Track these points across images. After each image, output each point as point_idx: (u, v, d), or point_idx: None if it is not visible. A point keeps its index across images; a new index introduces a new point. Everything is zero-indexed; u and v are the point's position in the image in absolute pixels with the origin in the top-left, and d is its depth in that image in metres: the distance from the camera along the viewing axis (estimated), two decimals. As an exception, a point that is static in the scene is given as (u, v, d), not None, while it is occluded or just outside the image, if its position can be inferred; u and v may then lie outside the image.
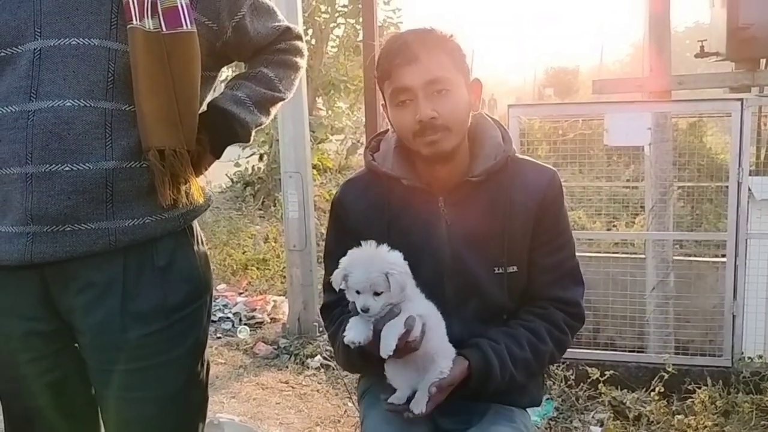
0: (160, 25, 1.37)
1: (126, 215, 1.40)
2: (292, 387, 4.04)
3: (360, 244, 1.62)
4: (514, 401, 1.66)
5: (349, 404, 3.70)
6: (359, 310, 1.41)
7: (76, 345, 1.49)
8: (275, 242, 7.23)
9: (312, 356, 4.42)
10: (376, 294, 1.40)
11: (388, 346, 1.38)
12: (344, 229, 1.65)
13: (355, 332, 1.41)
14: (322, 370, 4.27)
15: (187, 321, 1.51)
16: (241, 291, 5.98)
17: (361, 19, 10.83)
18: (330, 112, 10.81)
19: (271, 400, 3.86)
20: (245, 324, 5.06)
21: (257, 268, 6.48)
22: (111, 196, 1.37)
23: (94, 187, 1.35)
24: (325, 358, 4.36)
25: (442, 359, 1.49)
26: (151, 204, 1.43)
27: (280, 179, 9.24)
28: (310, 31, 10.55)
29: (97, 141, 1.35)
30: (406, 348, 1.40)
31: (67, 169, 1.33)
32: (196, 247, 1.55)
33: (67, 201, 1.34)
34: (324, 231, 1.77)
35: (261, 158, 9.75)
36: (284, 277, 6.16)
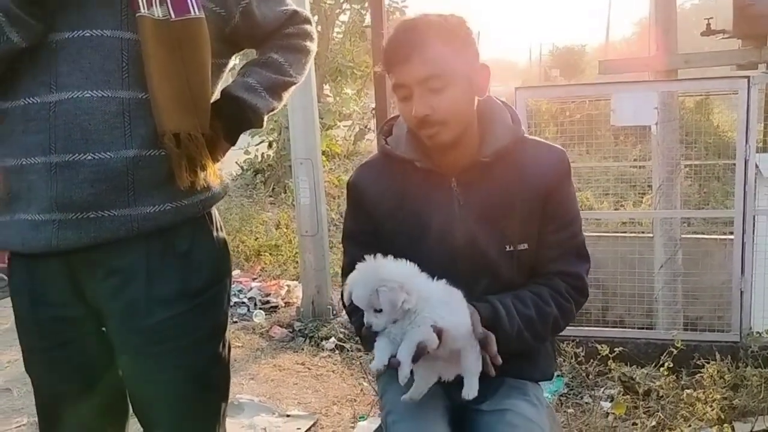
0: (169, 12, 1.40)
1: (147, 202, 1.44)
2: (308, 368, 4.12)
3: (373, 224, 1.67)
4: (526, 375, 1.71)
5: (364, 384, 3.78)
6: (366, 323, 1.43)
7: (103, 329, 1.54)
8: (287, 228, 7.29)
9: (326, 338, 4.50)
10: (377, 311, 1.41)
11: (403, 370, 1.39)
12: (361, 211, 1.70)
13: (376, 360, 1.43)
14: (337, 351, 4.35)
15: (209, 304, 1.57)
16: (255, 276, 6.05)
17: (366, 4, 10.81)
18: (337, 98, 10.83)
19: (288, 380, 3.95)
20: (260, 308, 5.14)
21: (270, 254, 6.56)
22: (132, 184, 1.42)
23: (116, 175, 1.40)
24: (339, 340, 4.43)
25: (471, 355, 1.50)
26: (171, 191, 1.47)
27: (289, 166, 9.30)
28: (315, 17, 10.54)
29: (117, 130, 1.39)
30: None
31: (89, 158, 1.37)
32: (215, 233, 1.60)
33: (91, 189, 1.38)
34: (334, 216, 1.82)
35: (270, 145, 9.81)
36: (296, 262, 6.23)
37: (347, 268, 1.74)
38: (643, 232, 5.95)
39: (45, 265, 1.47)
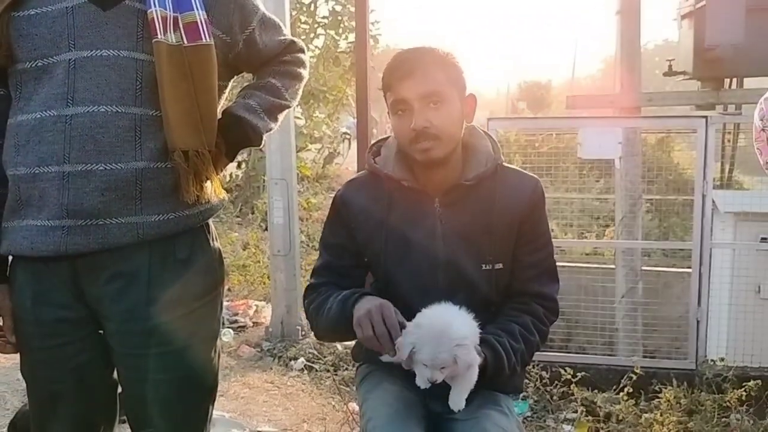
0: (182, 38, 1.51)
1: (152, 211, 1.53)
2: (278, 387, 4.16)
3: (352, 239, 1.77)
4: (498, 387, 1.81)
5: (333, 403, 3.84)
6: (427, 380, 1.58)
7: (100, 331, 1.61)
8: (255, 248, 7.32)
9: (295, 358, 4.53)
10: (442, 367, 1.57)
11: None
12: (342, 223, 1.80)
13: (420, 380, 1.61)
14: (306, 371, 4.39)
15: (204, 309, 1.65)
16: (223, 296, 6.05)
17: (340, 30, 10.95)
18: (309, 121, 10.93)
19: (258, 398, 3.98)
20: (228, 327, 5.15)
21: (239, 274, 6.58)
22: (140, 194, 1.51)
23: (125, 185, 1.49)
24: (308, 360, 4.48)
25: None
26: (175, 201, 1.56)
27: (258, 186, 9.35)
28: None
29: (128, 143, 1.49)
30: None
31: (101, 168, 1.46)
32: (211, 243, 1.69)
33: (101, 197, 1.47)
34: (305, 238, 1.91)
35: (239, 166, 9.83)
36: (264, 282, 6.26)
37: (319, 270, 1.86)
38: (605, 264, 6.12)
39: (49, 268, 1.54)
